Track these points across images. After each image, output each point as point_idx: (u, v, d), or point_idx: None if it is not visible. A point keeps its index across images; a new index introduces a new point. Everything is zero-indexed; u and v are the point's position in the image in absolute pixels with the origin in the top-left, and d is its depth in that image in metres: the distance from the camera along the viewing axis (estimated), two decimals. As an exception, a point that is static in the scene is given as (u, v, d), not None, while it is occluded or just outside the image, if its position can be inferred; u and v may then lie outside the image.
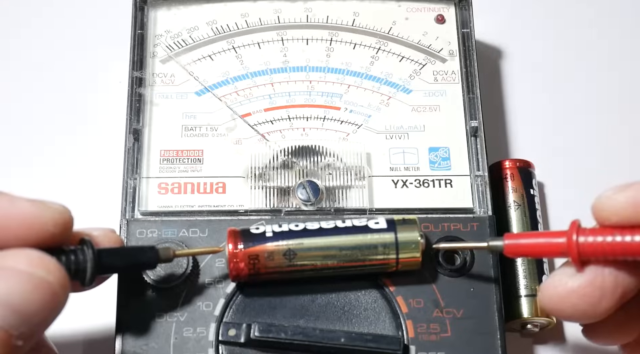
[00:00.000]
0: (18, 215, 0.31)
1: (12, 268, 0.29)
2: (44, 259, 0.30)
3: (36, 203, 0.31)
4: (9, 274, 0.29)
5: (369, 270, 0.38)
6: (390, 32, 0.46)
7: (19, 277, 0.29)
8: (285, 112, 0.44)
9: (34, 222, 0.31)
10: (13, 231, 0.30)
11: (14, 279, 0.29)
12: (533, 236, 0.35)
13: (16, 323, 0.29)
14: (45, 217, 0.31)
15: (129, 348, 0.37)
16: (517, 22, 0.54)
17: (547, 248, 0.34)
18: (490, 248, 0.36)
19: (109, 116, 0.48)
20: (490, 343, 0.38)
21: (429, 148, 0.43)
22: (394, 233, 0.37)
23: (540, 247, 0.34)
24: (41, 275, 0.30)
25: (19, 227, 0.31)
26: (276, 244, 0.36)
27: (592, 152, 0.49)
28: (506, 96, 0.51)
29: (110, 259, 0.34)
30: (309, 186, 0.41)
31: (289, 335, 0.36)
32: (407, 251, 0.37)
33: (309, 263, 0.37)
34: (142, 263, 0.36)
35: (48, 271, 0.30)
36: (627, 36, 0.53)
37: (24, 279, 0.29)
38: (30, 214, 0.31)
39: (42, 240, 0.31)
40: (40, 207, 0.31)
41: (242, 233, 0.37)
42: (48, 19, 0.52)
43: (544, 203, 0.47)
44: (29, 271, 0.29)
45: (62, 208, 0.32)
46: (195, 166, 0.42)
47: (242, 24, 0.46)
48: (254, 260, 0.36)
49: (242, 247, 0.36)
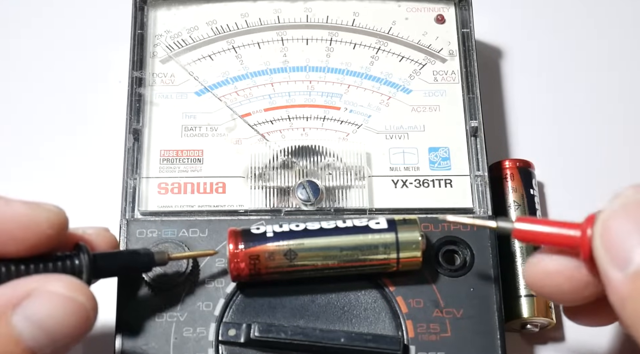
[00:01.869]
0: (13, 217, 0.31)
1: (52, 292, 0.30)
2: (83, 285, 0.31)
3: (31, 205, 0.31)
4: (48, 298, 0.30)
5: (369, 270, 0.38)
6: (390, 32, 0.46)
7: (58, 301, 0.30)
8: (285, 112, 0.44)
9: (29, 224, 0.31)
10: (9, 232, 0.31)
11: (53, 303, 0.30)
12: (545, 224, 0.32)
13: (46, 345, 0.29)
14: (40, 218, 0.31)
15: (128, 348, 0.37)
16: (517, 22, 0.54)
17: (558, 239, 0.31)
18: (499, 230, 0.34)
19: (109, 116, 0.48)
20: (490, 343, 0.38)
21: (429, 148, 0.43)
22: (395, 233, 0.37)
23: (551, 237, 0.31)
24: (81, 301, 0.30)
25: (14, 229, 0.31)
26: (277, 245, 0.36)
27: (592, 152, 0.49)
28: (506, 96, 0.51)
29: (105, 264, 0.34)
30: (308, 186, 0.41)
31: (289, 335, 0.36)
32: (408, 251, 0.37)
33: (310, 263, 0.37)
34: (138, 267, 0.36)
35: (86, 296, 0.30)
36: (627, 36, 0.53)
37: (63, 303, 0.30)
38: (25, 216, 0.31)
39: (38, 241, 0.31)
40: (35, 209, 0.31)
41: (243, 233, 0.37)
42: (48, 19, 0.52)
43: (544, 203, 0.47)
44: (70, 296, 0.30)
45: (57, 209, 0.32)
46: (195, 166, 0.42)
47: (242, 24, 0.46)
48: (254, 260, 0.36)
49: (243, 248, 0.36)
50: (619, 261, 0.27)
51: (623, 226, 0.27)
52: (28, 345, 0.29)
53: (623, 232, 0.27)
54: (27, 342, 0.29)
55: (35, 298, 0.30)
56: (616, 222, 0.27)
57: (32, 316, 0.29)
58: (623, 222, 0.27)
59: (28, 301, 0.29)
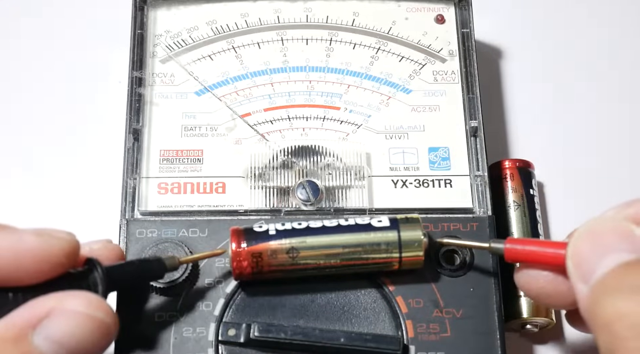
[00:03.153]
0: (28, 252, 0.30)
1: (71, 310, 0.30)
2: (102, 301, 0.31)
3: (43, 235, 0.31)
4: (68, 316, 0.30)
5: (372, 269, 0.38)
6: (390, 32, 0.46)
7: (78, 319, 0.30)
8: (285, 112, 0.44)
9: (44, 256, 0.31)
10: (25, 267, 0.30)
11: (73, 321, 0.30)
12: (534, 244, 0.35)
13: None
14: (55, 250, 0.31)
15: (129, 348, 0.37)
16: (517, 22, 0.54)
17: (546, 257, 0.34)
18: (492, 250, 0.36)
19: (109, 116, 0.48)
20: (489, 343, 0.38)
21: (429, 148, 0.43)
22: (397, 231, 0.37)
23: (540, 255, 0.34)
24: (101, 317, 0.30)
25: (30, 264, 0.30)
26: (279, 243, 0.36)
27: (592, 152, 0.49)
28: (506, 96, 0.51)
29: (119, 276, 0.34)
30: (308, 186, 0.41)
31: (289, 335, 0.36)
32: (410, 250, 0.37)
33: (312, 262, 0.37)
34: (150, 275, 0.36)
35: (105, 312, 0.31)
36: (628, 36, 0.53)
37: (84, 321, 0.30)
38: (39, 249, 0.30)
39: (54, 271, 0.31)
40: (49, 240, 0.31)
41: (245, 232, 0.37)
42: (48, 19, 0.52)
43: (544, 203, 0.47)
44: (89, 314, 0.30)
45: (69, 236, 0.32)
46: (195, 166, 0.42)
47: (241, 24, 0.46)
48: (257, 258, 0.36)
49: (245, 246, 0.36)
50: (584, 277, 0.31)
51: (588, 248, 0.31)
52: None
53: (588, 253, 0.31)
54: None
55: (55, 317, 0.30)
56: (583, 244, 0.31)
57: (53, 336, 0.29)
58: (588, 245, 0.31)
59: (48, 321, 0.29)
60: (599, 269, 0.30)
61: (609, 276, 0.29)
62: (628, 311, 0.27)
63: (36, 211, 0.46)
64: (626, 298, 0.28)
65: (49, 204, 0.46)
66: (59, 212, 0.46)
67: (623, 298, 0.28)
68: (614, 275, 0.29)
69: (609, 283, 0.29)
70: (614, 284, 0.29)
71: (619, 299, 0.28)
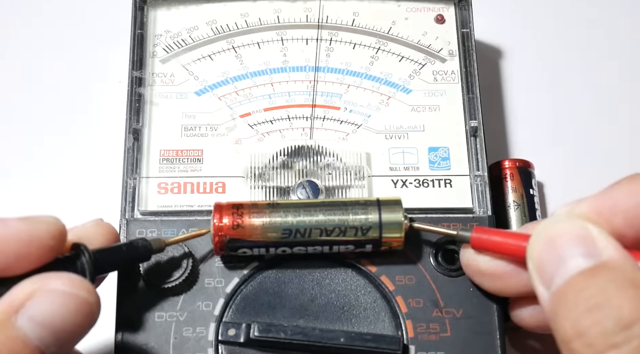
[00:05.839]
0: (13, 235, 0.31)
1: (53, 290, 0.30)
2: (84, 280, 0.31)
3: (28, 220, 0.31)
4: (50, 296, 0.30)
5: (349, 237, 0.37)
6: (390, 32, 0.46)
7: (60, 298, 0.30)
8: (284, 112, 0.44)
9: (31, 240, 0.31)
10: (12, 251, 0.30)
11: (56, 300, 0.30)
12: (499, 235, 0.35)
13: (53, 343, 0.29)
14: (41, 232, 0.31)
15: (128, 348, 0.37)
16: (517, 22, 0.54)
17: (510, 248, 0.34)
18: (458, 238, 0.36)
19: (109, 115, 0.48)
20: (489, 343, 0.38)
21: (429, 148, 0.43)
22: (378, 204, 0.37)
23: (504, 246, 0.34)
24: (84, 296, 0.30)
25: (17, 248, 0.30)
26: (261, 200, 0.38)
27: (592, 152, 0.49)
28: (506, 96, 0.51)
29: (106, 259, 0.34)
30: (308, 186, 0.41)
31: (289, 335, 0.36)
32: (389, 213, 0.37)
33: (292, 219, 0.36)
34: (137, 257, 0.36)
35: (87, 291, 0.30)
36: (627, 36, 0.53)
37: (66, 300, 0.30)
38: (25, 233, 0.31)
39: (43, 255, 0.31)
40: (34, 223, 0.31)
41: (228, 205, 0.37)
42: (48, 18, 0.52)
43: (544, 203, 0.47)
44: (72, 292, 0.30)
45: (54, 219, 0.32)
46: (195, 166, 0.42)
47: (241, 24, 0.46)
48: (238, 208, 0.36)
49: (227, 202, 0.37)
50: (544, 281, 0.31)
51: (545, 253, 0.31)
52: (35, 345, 0.29)
53: (545, 258, 0.31)
54: (34, 342, 0.29)
55: (37, 298, 0.30)
56: (540, 248, 0.31)
57: (36, 317, 0.29)
58: (545, 249, 0.31)
59: (31, 302, 0.29)
60: (557, 277, 0.30)
61: (567, 286, 0.29)
62: (585, 331, 0.28)
63: (36, 211, 0.46)
64: (582, 316, 0.28)
65: (49, 204, 0.46)
66: (59, 212, 0.45)
67: (580, 315, 0.28)
68: (571, 287, 0.29)
69: (567, 297, 0.29)
70: (572, 299, 0.29)
71: (577, 315, 0.28)
